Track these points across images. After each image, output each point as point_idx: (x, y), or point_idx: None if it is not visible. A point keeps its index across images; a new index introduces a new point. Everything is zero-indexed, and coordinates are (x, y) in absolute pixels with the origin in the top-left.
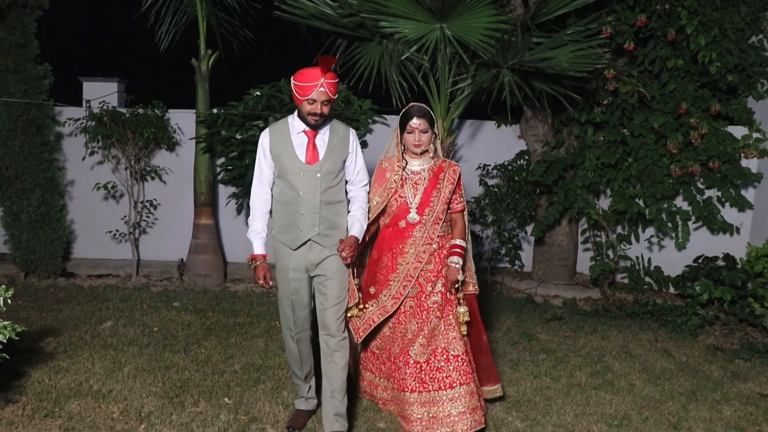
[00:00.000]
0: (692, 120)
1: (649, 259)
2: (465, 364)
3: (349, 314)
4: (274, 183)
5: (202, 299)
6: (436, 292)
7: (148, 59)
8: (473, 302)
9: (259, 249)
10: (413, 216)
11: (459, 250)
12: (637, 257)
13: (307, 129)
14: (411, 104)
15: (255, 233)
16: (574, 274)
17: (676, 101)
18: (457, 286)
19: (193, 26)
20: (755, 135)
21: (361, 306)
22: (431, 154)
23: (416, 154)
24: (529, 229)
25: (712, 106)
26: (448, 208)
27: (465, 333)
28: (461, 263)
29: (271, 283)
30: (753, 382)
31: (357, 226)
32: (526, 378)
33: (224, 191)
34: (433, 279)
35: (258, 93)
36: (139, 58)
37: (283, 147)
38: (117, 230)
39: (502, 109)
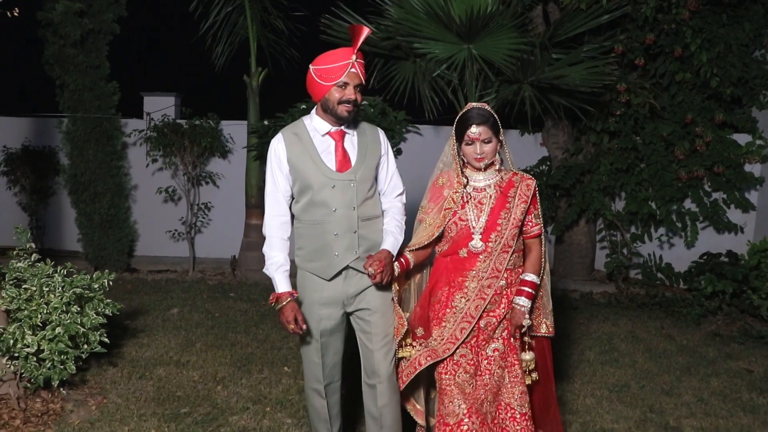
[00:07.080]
0: (697, 129)
1: (661, 257)
2: (531, 424)
3: (399, 354)
4: (293, 200)
5: (254, 291)
6: (497, 338)
7: (202, 75)
8: (546, 347)
9: (283, 286)
10: (477, 243)
11: (529, 289)
12: (649, 254)
13: (333, 130)
14: (469, 106)
15: (275, 266)
16: (593, 271)
17: (684, 111)
18: (522, 331)
19: (245, 46)
20: (758, 142)
21: (409, 341)
22: (497, 166)
23: (479, 168)
24: (550, 228)
25: (717, 116)
26: (521, 233)
27: (534, 381)
28: (529, 306)
29: (304, 326)
30: (743, 360)
31: (390, 239)
32: None
33: None
34: (495, 323)
35: (303, 106)
36: (193, 75)
37: (305, 154)
38: (175, 230)
39: (525, 119)
